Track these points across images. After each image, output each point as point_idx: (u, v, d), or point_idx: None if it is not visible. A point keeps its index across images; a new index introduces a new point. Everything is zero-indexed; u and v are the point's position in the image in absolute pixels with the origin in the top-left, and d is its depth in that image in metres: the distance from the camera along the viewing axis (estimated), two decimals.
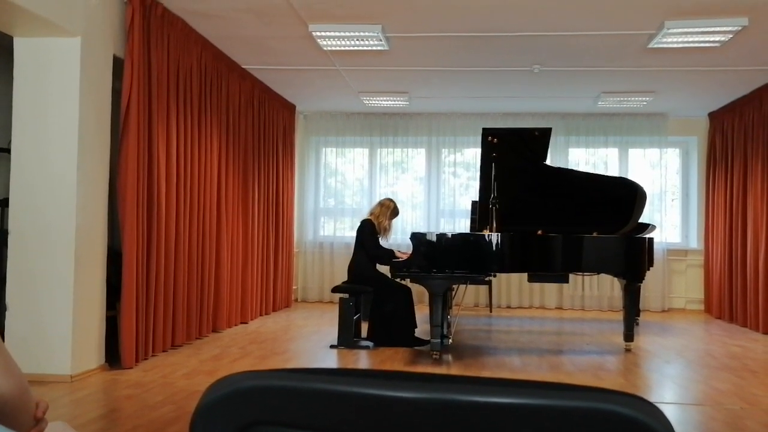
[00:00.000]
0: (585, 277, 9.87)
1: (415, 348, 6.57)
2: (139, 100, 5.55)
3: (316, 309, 9.89)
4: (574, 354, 6.70)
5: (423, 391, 0.72)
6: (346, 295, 6.71)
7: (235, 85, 7.80)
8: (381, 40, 6.68)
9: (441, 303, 6.02)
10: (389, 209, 7.20)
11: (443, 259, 6.01)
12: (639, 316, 8.78)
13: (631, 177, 9.06)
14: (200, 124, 6.83)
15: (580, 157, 10.71)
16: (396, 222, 10.07)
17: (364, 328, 6.94)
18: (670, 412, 4.47)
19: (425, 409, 0.71)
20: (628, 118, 10.49)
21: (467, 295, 9.54)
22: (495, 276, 8.05)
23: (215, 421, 0.76)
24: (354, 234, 7.32)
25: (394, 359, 6.14)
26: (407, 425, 0.72)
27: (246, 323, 8.15)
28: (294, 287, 10.52)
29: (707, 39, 6.51)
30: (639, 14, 6.03)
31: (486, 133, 6.68)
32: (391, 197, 7.59)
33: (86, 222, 5.20)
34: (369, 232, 7.01)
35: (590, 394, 0.70)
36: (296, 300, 10.73)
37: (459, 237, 6.37)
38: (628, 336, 6.76)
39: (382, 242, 7.16)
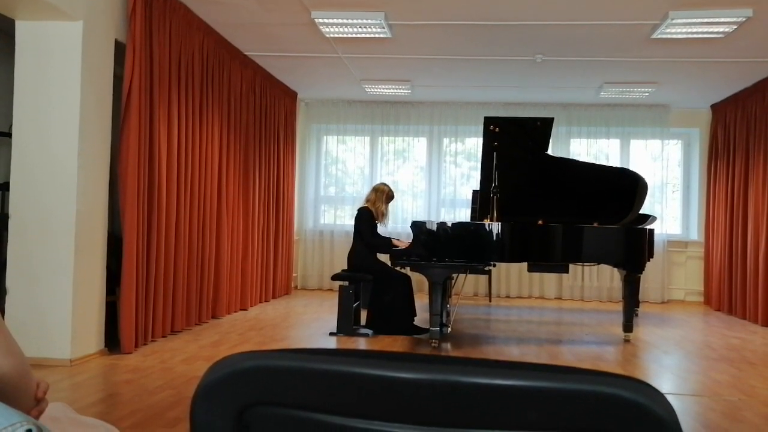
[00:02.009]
0: (585, 267, 9.88)
1: (414, 336, 6.57)
2: (140, 86, 5.53)
3: (315, 296, 9.90)
4: (573, 344, 6.71)
5: (425, 372, 0.71)
6: (346, 283, 6.71)
7: (236, 71, 7.78)
8: (384, 28, 6.66)
9: (440, 292, 6.02)
10: (384, 194, 7.18)
11: (443, 247, 6.00)
12: (638, 307, 8.79)
13: (632, 168, 9.04)
14: (201, 111, 6.81)
15: (582, 147, 10.69)
16: (396, 211, 10.11)
17: (364, 316, 6.94)
18: None
19: (427, 390, 0.71)
20: (630, 109, 10.46)
21: (467, 284, 9.56)
22: (495, 265, 8.04)
23: (216, 401, 0.76)
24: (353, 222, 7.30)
25: (393, 347, 6.14)
26: (409, 406, 0.72)
27: (245, 310, 8.16)
28: (294, 275, 10.53)
29: (711, 30, 6.49)
30: (643, 4, 6.00)
31: (488, 122, 6.66)
32: (384, 182, 7.58)
33: (86, 207, 5.19)
34: (366, 220, 7.00)
35: (594, 378, 0.70)
36: (296, 287, 10.74)
37: (459, 226, 6.37)
38: (627, 327, 6.76)
39: (381, 228, 7.16)
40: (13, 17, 5.10)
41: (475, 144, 10.70)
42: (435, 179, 10.88)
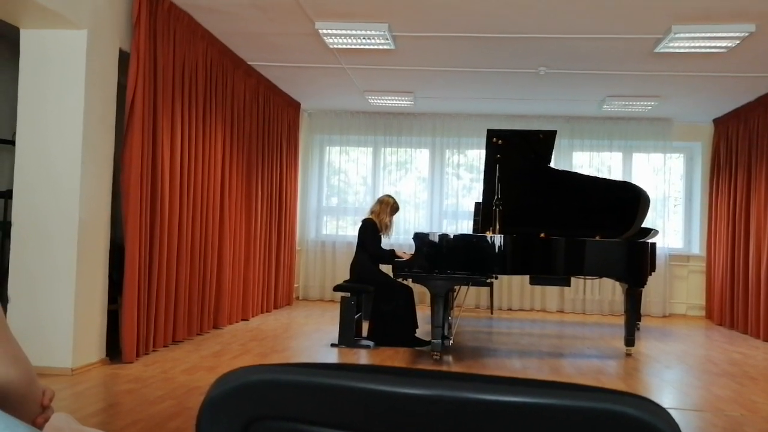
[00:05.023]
0: (587, 280, 9.87)
1: (416, 348, 6.56)
2: (144, 95, 5.54)
3: (317, 307, 9.89)
4: (574, 357, 6.69)
5: (432, 388, 0.71)
6: (348, 294, 6.71)
7: (240, 81, 7.80)
8: (387, 39, 6.68)
9: (442, 304, 6.01)
10: (389, 206, 7.20)
11: (445, 259, 6.00)
12: (640, 321, 8.77)
13: (634, 181, 9.04)
14: (205, 120, 6.83)
15: (584, 160, 10.71)
16: (398, 222, 10.10)
17: (365, 327, 6.93)
18: None
19: (434, 406, 0.71)
20: (632, 123, 10.48)
21: (468, 296, 9.54)
22: (497, 278, 8.03)
23: (223, 414, 0.76)
24: (356, 233, 7.30)
25: (394, 359, 6.13)
26: (416, 422, 0.72)
27: (247, 320, 8.15)
28: (295, 285, 10.52)
29: (714, 44, 6.50)
30: (646, 18, 6.02)
31: (491, 134, 6.68)
32: (389, 194, 7.59)
33: (89, 215, 5.20)
34: (371, 231, 7.01)
35: (600, 395, 0.70)
36: (297, 298, 10.73)
37: (461, 238, 6.37)
38: (629, 340, 6.74)
39: (385, 239, 7.16)
40: (18, 25, 5.12)
41: (477, 156, 10.73)
42: (437, 190, 10.88)
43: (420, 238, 6.12)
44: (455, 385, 0.71)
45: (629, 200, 6.81)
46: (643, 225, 7.28)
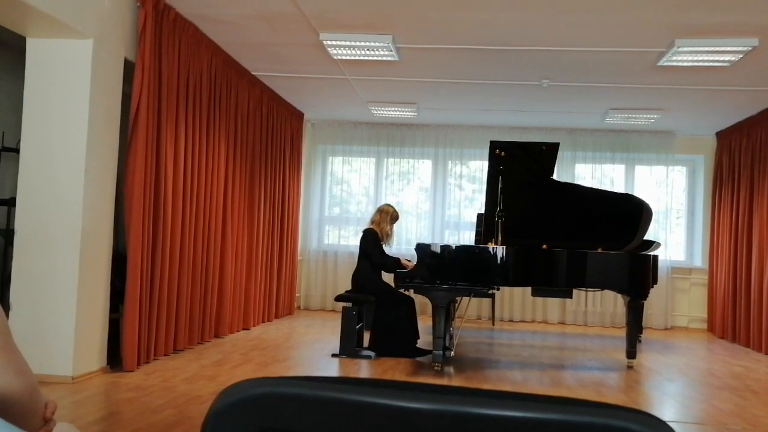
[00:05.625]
0: (588, 292, 9.85)
1: (417, 359, 6.55)
2: (148, 104, 5.56)
3: (318, 317, 9.88)
4: (575, 369, 6.68)
5: (436, 402, 0.72)
6: (349, 304, 6.70)
7: (244, 91, 7.82)
8: (391, 51, 6.70)
9: (444, 315, 6.01)
10: (388, 214, 7.21)
11: (447, 270, 6.00)
12: (642, 333, 8.76)
13: (637, 194, 9.04)
14: (209, 130, 6.84)
15: (587, 172, 10.71)
16: (400, 232, 10.12)
17: (367, 337, 6.92)
18: None
19: (438, 420, 0.71)
20: (635, 135, 10.49)
21: (470, 307, 9.53)
22: (498, 289, 8.03)
23: (227, 426, 0.76)
24: (358, 243, 7.30)
25: (395, 369, 6.12)
26: None
27: (248, 329, 8.15)
28: (297, 295, 10.51)
29: (717, 58, 6.51)
30: (649, 32, 6.04)
31: (494, 146, 6.69)
32: (389, 203, 7.61)
33: (92, 224, 5.21)
34: (372, 241, 7.01)
35: (604, 411, 0.70)
36: (299, 308, 10.72)
37: (463, 249, 6.37)
38: (631, 353, 6.73)
39: (386, 248, 7.17)
40: (25, 35, 5.14)
41: (479, 167, 10.74)
42: (439, 201, 10.89)
43: (422, 249, 6.13)
44: (459, 399, 0.71)
45: (631, 213, 6.81)
46: (645, 237, 7.28)
